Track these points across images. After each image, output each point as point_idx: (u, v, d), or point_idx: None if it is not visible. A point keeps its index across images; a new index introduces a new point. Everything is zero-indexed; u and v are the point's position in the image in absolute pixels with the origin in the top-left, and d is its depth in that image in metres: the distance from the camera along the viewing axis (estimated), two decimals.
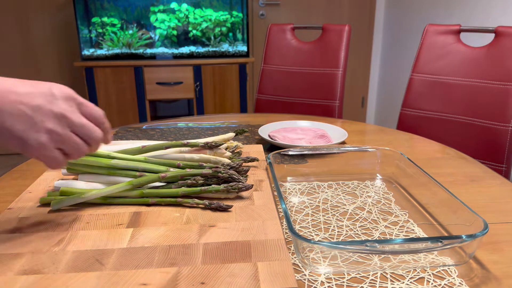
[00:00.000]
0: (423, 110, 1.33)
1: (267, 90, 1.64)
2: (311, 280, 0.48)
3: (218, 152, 0.71)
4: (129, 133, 1.07)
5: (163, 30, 2.61)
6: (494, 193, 0.72)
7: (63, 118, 0.50)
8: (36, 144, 0.49)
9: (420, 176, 0.68)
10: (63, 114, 0.50)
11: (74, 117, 0.51)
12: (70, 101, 0.52)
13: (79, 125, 0.51)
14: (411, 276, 0.49)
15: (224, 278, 0.45)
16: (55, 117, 0.50)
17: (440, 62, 1.31)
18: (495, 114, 1.18)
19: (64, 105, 0.51)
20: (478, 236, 0.48)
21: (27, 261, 0.48)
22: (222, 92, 2.59)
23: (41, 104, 0.49)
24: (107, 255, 0.49)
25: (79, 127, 0.52)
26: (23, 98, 0.49)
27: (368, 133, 1.10)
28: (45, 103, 0.50)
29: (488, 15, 1.93)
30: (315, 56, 1.58)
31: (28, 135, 0.49)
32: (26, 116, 0.49)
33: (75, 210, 0.61)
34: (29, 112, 0.49)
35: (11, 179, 0.78)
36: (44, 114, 0.49)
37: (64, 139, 0.51)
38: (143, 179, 0.63)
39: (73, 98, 0.52)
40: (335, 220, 0.62)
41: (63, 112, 0.50)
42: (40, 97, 0.50)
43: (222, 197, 0.64)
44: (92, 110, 0.54)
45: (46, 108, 0.50)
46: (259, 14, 2.94)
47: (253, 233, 0.54)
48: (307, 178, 0.77)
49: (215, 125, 1.12)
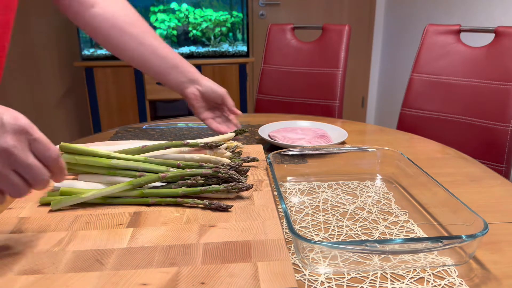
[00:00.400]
0: (423, 110, 1.33)
1: (267, 90, 1.64)
2: (311, 280, 0.48)
3: (218, 152, 0.71)
4: (129, 133, 1.07)
5: (163, 30, 2.61)
6: (494, 193, 0.72)
7: (7, 155, 0.44)
8: None
9: (420, 176, 0.68)
10: (7, 149, 0.44)
11: (20, 155, 0.45)
12: (21, 135, 0.45)
13: (24, 165, 0.45)
14: (411, 276, 0.49)
15: (224, 278, 0.45)
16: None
17: (440, 62, 1.31)
18: (495, 114, 1.18)
19: (12, 140, 0.44)
20: (478, 236, 0.48)
21: (27, 261, 0.48)
22: None
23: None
24: (107, 255, 0.49)
25: (23, 168, 0.46)
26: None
27: (368, 133, 1.10)
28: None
29: (488, 15, 1.93)
30: (315, 56, 1.58)
31: None
32: None
33: (75, 210, 0.61)
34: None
35: None
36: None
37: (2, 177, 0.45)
38: (143, 179, 0.63)
39: (25, 132, 0.45)
40: (335, 220, 0.62)
41: (8, 148, 0.44)
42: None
43: (222, 197, 0.64)
44: (45, 149, 0.47)
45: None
46: (259, 14, 2.94)
47: (253, 233, 0.54)
48: (307, 178, 0.77)
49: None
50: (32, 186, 0.48)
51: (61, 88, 2.87)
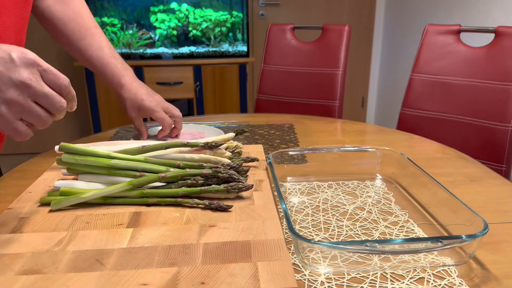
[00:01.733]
0: (423, 110, 1.33)
1: (267, 90, 1.64)
2: (311, 280, 0.48)
3: (218, 152, 0.71)
4: (129, 133, 1.07)
5: (163, 30, 2.61)
6: (494, 193, 0.72)
7: (24, 87, 0.46)
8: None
9: (420, 176, 0.68)
10: (23, 82, 0.46)
11: (36, 86, 0.47)
12: (33, 68, 0.47)
13: (41, 94, 0.48)
14: (411, 276, 0.49)
15: (224, 278, 0.45)
16: (15, 86, 0.46)
17: (440, 62, 1.31)
18: (495, 114, 1.18)
19: (25, 73, 0.46)
20: (478, 236, 0.48)
21: (27, 261, 0.48)
22: (222, 92, 2.59)
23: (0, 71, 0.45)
24: (107, 255, 0.49)
25: (41, 97, 0.48)
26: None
27: (368, 133, 1.10)
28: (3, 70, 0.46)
29: (488, 15, 1.93)
30: (315, 56, 1.58)
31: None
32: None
33: (75, 210, 0.61)
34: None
35: (11, 179, 0.78)
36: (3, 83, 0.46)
37: (25, 110, 0.47)
38: (143, 179, 0.63)
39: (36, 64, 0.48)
40: (335, 220, 0.62)
41: (24, 81, 0.46)
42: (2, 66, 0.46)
43: (222, 197, 0.64)
44: (56, 78, 0.49)
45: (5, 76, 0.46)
46: (259, 14, 2.94)
47: (253, 233, 0.54)
48: (307, 178, 0.77)
49: (215, 125, 1.12)
50: (52, 114, 0.50)
51: None
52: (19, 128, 0.49)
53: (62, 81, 0.50)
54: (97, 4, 2.53)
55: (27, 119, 0.49)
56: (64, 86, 0.50)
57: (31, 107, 0.48)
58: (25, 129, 0.49)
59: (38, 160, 0.88)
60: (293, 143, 0.99)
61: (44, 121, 0.50)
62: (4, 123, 0.47)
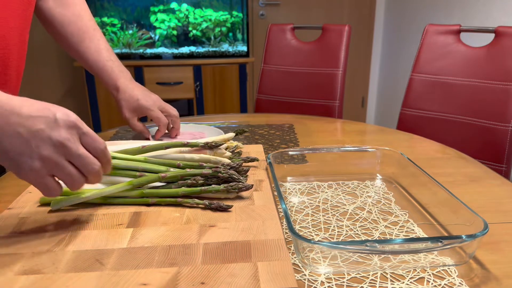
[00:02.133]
0: (423, 110, 1.33)
1: (267, 90, 1.64)
2: (311, 280, 0.48)
3: (218, 152, 0.71)
4: (129, 133, 1.07)
5: (163, 30, 2.61)
6: (494, 193, 0.72)
7: (61, 147, 0.49)
8: (28, 169, 0.48)
9: (420, 176, 0.68)
10: (61, 142, 0.49)
11: (72, 146, 0.49)
12: (73, 129, 0.50)
13: (76, 155, 0.50)
14: (411, 276, 0.49)
15: (224, 278, 0.45)
16: (52, 145, 0.48)
17: (440, 62, 1.31)
18: (495, 114, 1.18)
19: (64, 133, 0.49)
20: (478, 236, 0.48)
21: (27, 261, 0.48)
22: (222, 92, 2.59)
23: (41, 129, 0.48)
24: (107, 255, 0.49)
25: (76, 158, 0.50)
26: (25, 122, 0.48)
27: (368, 133, 1.10)
28: (45, 128, 0.48)
29: (488, 15, 1.93)
30: (315, 56, 1.58)
31: (21, 159, 0.48)
32: (23, 139, 0.47)
33: (75, 210, 0.61)
34: (27, 136, 0.47)
35: (11, 179, 0.78)
36: (42, 139, 0.48)
37: (58, 167, 0.49)
38: (143, 179, 0.63)
39: (76, 126, 0.51)
40: (335, 220, 0.62)
41: (62, 141, 0.49)
42: (42, 123, 0.48)
43: (222, 197, 0.64)
44: (93, 141, 0.52)
45: (45, 134, 0.48)
46: (259, 14, 2.94)
47: (253, 233, 0.54)
48: (307, 178, 0.77)
49: (215, 125, 1.12)
50: (86, 175, 0.52)
51: (61, 88, 2.87)
52: (48, 184, 0.50)
53: (98, 144, 0.52)
54: (97, 4, 2.53)
55: (58, 176, 0.50)
56: (100, 150, 0.53)
57: (64, 165, 0.50)
58: (54, 186, 0.51)
59: None
60: (293, 143, 0.99)
61: (75, 181, 0.51)
62: (35, 177, 0.49)
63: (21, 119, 0.48)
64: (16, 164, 0.48)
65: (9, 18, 0.71)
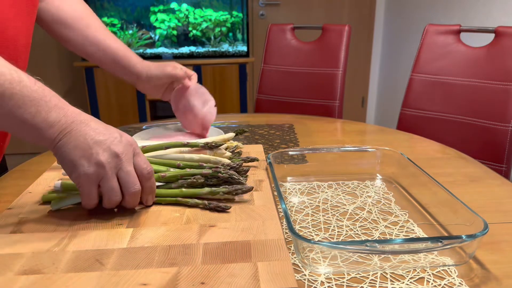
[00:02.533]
0: (423, 110, 1.33)
1: (267, 90, 1.64)
2: (311, 280, 0.48)
3: (218, 152, 0.71)
4: (129, 133, 1.07)
5: (163, 30, 2.61)
6: (494, 193, 0.72)
7: (116, 158, 0.53)
8: (83, 172, 0.52)
9: (420, 176, 0.68)
10: (118, 154, 0.53)
11: (125, 160, 0.54)
12: (130, 147, 0.56)
13: (125, 170, 0.54)
14: (411, 276, 0.49)
15: (224, 278, 0.45)
16: (110, 154, 0.53)
17: (440, 62, 1.31)
18: (495, 114, 1.18)
19: (123, 148, 0.54)
20: (478, 236, 0.48)
21: (27, 261, 0.48)
22: (222, 92, 2.59)
23: (105, 140, 0.53)
24: (107, 255, 0.49)
25: (124, 173, 0.54)
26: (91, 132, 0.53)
27: (368, 133, 1.10)
28: (108, 140, 0.54)
29: (488, 15, 1.93)
30: (315, 56, 1.58)
31: (79, 161, 0.52)
32: (87, 145, 0.52)
33: (75, 210, 0.61)
34: (91, 142, 0.52)
35: (11, 179, 0.78)
36: (102, 147, 0.53)
37: (106, 178, 0.53)
38: None
39: (134, 146, 0.56)
40: (335, 220, 0.62)
41: (119, 153, 0.54)
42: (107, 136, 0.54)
43: (222, 198, 0.64)
44: (143, 163, 0.56)
45: (106, 144, 0.53)
46: (259, 14, 2.94)
47: (253, 233, 0.54)
48: (307, 178, 0.77)
49: (215, 125, 1.12)
50: (124, 195, 0.56)
51: (61, 88, 2.87)
52: (93, 193, 0.55)
53: (146, 167, 0.57)
54: (97, 4, 2.53)
55: (103, 187, 0.54)
56: (146, 172, 0.57)
57: (111, 177, 0.54)
58: (95, 197, 0.55)
59: (38, 160, 0.88)
60: (293, 143, 0.99)
61: (114, 195, 0.55)
62: (86, 181, 0.53)
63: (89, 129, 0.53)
64: (73, 165, 0.52)
65: (17, 18, 0.70)
